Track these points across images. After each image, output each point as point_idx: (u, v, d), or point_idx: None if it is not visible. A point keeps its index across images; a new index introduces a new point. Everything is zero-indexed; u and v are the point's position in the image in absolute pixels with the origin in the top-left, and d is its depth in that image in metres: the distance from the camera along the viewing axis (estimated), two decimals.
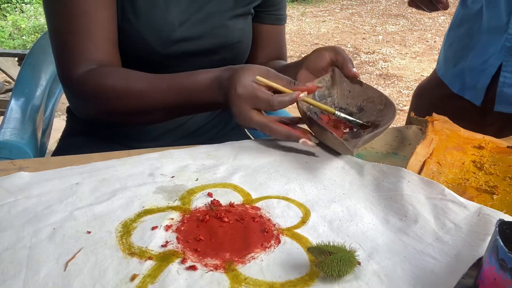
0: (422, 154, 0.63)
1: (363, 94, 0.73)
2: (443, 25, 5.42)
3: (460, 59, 1.02)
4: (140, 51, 0.76)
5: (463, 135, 0.72)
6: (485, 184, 0.58)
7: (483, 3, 0.95)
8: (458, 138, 0.71)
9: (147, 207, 0.53)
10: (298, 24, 5.56)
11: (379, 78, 3.71)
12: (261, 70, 0.65)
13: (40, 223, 0.49)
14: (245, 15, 0.85)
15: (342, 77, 0.75)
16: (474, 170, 0.62)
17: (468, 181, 0.59)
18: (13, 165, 0.62)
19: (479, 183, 0.58)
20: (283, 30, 0.96)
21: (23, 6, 5.62)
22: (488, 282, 0.39)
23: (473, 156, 0.66)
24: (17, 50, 3.39)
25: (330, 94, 0.74)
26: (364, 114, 0.72)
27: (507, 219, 0.48)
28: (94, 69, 0.70)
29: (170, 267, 0.43)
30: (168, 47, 0.77)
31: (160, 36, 0.75)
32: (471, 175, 0.61)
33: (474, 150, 0.67)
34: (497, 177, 0.60)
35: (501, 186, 0.57)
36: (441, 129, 0.72)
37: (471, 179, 0.60)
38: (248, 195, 0.56)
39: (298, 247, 0.47)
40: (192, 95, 0.68)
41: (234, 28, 0.83)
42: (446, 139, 0.69)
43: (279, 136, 0.65)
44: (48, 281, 0.41)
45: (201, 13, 0.79)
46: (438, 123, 0.74)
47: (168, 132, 0.85)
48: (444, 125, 0.74)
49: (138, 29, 0.74)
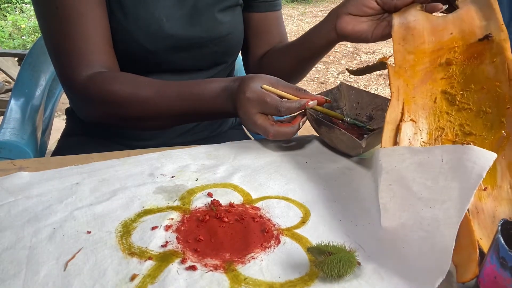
0: (393, 119, 0.58)
1: (372, 103, 0.74)
2: None
3: None
4: (128, 47, 0.75)
5: (427, 49, 0.62)
6: (460, 131, 0.56)
7: None
8: (423, 58, 0.62)
9: (147, 207, 0.53)
10: (298, 24, 5.56)
11: (379, 78, 3.71)
12: (271, 79, 0.65)
13: (40, 223, 0.49)
14: (234, 7, 0.85)
15: (350, 90, 0.76)
16: (446, 109, 0.58)
17: (444, 132, 0.57)
18: (13, 165, 0.62)
19: (455, 131, 0.56)
20: (280, 15, 0.95)
21: (23, 6, 5.62)
22: (489, 280, 0.39)
23: (442, 81, 0.60)
24: (17, 50, 3.39)
25: (338, 106, 0.76)
26: (374, 122, 0.73)
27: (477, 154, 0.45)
28: (99, 73, 0.70)
29: (170, 267, 0.43)
30: (157, 43, 0.76)
31: (148, 32, 0.75)
32: (445, 118, 0.58)
33: (443, 70, 0.61)
34: (471, 112, 0.57)
35: (477, 130, 0.55)
36: (403, 59, 0.62)
37: (446, 127, 0.57)
38: (248, 195, 0.56)
39: (298, 247, 0.47)
40: (201, 103, 0.68)
41: (223, 21, 0.82)
42: (411, 75, 0.61)
43: (283, 137, 0.65)
44: (48, 281, 0.41)
45: (188, 7, 0.79)
46: (399, 49, 0.62)
47: (166, 129, 0.85)
48: (406, 46, 0.63)
49: (125, 25, 0.74)
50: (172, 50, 0.79)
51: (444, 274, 0.41)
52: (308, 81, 3.59)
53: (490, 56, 0.59)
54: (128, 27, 0.74)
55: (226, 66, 0.90)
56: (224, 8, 0.82)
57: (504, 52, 0.58)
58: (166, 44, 0.77)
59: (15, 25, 5.02)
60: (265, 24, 0.92)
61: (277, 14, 0.93)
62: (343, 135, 0.62)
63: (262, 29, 0.92)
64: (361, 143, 0.60)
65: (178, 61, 0.81)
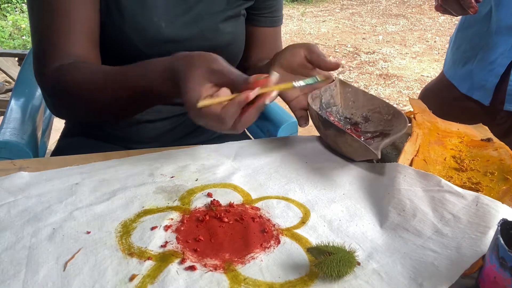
0: (410, 152, 0.64)
1: (368, 105, 0.74)
2: (443, 25, 5.42)
3: (469, 60, 1.02)
4: (125, 50, 0.74)
5: (440, 127, 0.73)
6: (468, 180, 0.59)
7: (491, 6, 0.96)
8: (437, 131, 0.72)
9: (146, 207, 0.53)
10: (298, 24, 5.56)
11: (379, 78, 3.71)
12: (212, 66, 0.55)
13: (40, 223, 0.49)
14: (237, 17, 0.83)
15: (346, 87, 0.75)
16: (455, 166, 0.63)
17: (452, 179, 0.60)
18: (13, 165, 0.62)
19: (463, 180, 0.59)
20: (279, 31, 0.94)
21: (23, 6, 5.62)
22: (488, 280, 0.39)
23: (452, 151, 0.67)
24: (17, 50, 3.39)
25: (335, 103, 0.75)
26: (370, 124, 0.73)
27: (507, 210, 0.48)
28: (64, 64, 0.66)
29: (170, 267, 0.43)
30: (154, 48, 0.74)
31: (145, 36, 0.73)
32: (454, 172, 0.61)
33: (453, 144, 0.69)
34: (478, 172, 0.61)
35: (484, 182, 0.58)
36: (422, 122, 0.73)
37: (454, 176, 0.60)
38: (248, 195, 0.56)
39: (297, 248, 0.47)
40: (144, 84, 0.61)
41: (225, 31, 0.80)
42: (428, 133, 0.70)
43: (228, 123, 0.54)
44: (48, 281, 0.41)
45: (190, 14, 0.77)
46: (419, 116, 0.75)
47: (167, 132, 0.85)
48: (424, 116, 0.75)
49: (122, 28, 0.72)
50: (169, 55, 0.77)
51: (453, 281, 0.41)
52: None
53: (493, 148, 0.67)
54: (124, 30, 0.72)
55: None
56: (228, 18, 0.81)
57: (505, 146, 0.67)
58: (164, 49, 0.74)
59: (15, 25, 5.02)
60: (262, 40, 0.90)
61: (276, 30, 0.92)
62: (354, 142, 0.61)
63: (258, 44, 0.90)
64: (377, 153, 0.58)
65: None
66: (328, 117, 0.71)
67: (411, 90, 3.43)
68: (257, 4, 0.86)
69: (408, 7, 6.44)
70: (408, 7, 6.43)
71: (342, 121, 0.74)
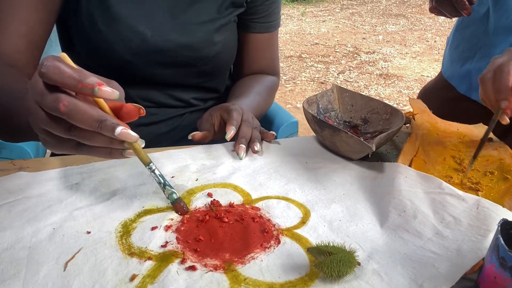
0: (409, 152, 0.65)
1: (367, 107, 0.74)
2: (443, 25, 5.42)
3: (467, 60, 1.02)
4: (111, 60, 0.72)
5: (440, 128, 0.74)
6: (468, 180, 0.59)
7: (489, 6, 0.96)
8: (436, 131, 0.72)
9: (147, 207, 0.53)
10: (298, 24, 5.56)
11: (379, 78, 3.71)
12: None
13: (40, 223, 0.49)
14: (227, 25, 0.80)
15: (343, 92, 0.76)
16: (455, 166, 0.63)
17: (452, 179, 0.60)
18: (13, 165, 0.62)
19: (463, 181, 0.59)
20: (274, 37, 0.89)
21: None
22: (489, 280, 0.39)
23: (452, 151, 0.67)
24: None
25: (333, 108, 0.76)
26: (369, 125, 0.73)
27: (507, 214, 0.48)
28: None
29: (170, 267, 0.43)
30: (140, 58, 0.73)
31: (129, 47, 0.72)
32: (453, 172, 0.62)
33: (452, 144, 0.69)
34: (478, 172, 0.61)
35: (484, 182, 0.58)
36: (422, 122, 0.74)
37: (454, 176, 0.60)
38: (248, 195, 0.56)
39: (297, 248, 0.47)
40: (11, 103, 0.53)
41: (214, 41, 0.78)
42: (427, 134, 0.71)
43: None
44: (48, 281, 0.41)
45: (178, 24, 0.75)
46: (419, 117, 0.75)
47: (162, 135, 0.84)
48: (424, 117, 0.76)
49: (106, 38, 0.71)
50: (157, 66, 0.76)
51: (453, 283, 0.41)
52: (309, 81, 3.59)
53: (493, 147, 0.67)
54: (108, 40, 0.71)
55: (215, 82, 0.87)
56: (219, 27, 0.78)
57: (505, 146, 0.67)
58: (150, 59, 0.74)
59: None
60: (254, 47, 0.87)
61: (269, 36, 0.88)
62: (349, 138, 0.61)
63: (250, 51, 0.87)
64: (371, 146, 0.58)
65: (163, 77, 0.78)
66: (327, 121, 0.71)
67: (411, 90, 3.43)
68: (248, 9, 0.82)
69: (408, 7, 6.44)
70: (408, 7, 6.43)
71: (342, 125, 0.75)
